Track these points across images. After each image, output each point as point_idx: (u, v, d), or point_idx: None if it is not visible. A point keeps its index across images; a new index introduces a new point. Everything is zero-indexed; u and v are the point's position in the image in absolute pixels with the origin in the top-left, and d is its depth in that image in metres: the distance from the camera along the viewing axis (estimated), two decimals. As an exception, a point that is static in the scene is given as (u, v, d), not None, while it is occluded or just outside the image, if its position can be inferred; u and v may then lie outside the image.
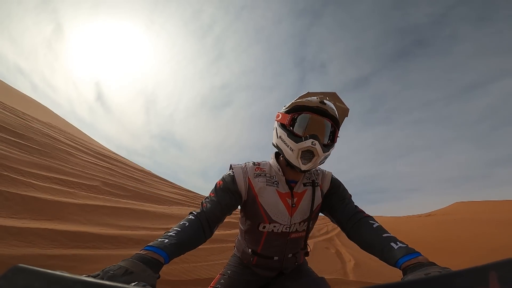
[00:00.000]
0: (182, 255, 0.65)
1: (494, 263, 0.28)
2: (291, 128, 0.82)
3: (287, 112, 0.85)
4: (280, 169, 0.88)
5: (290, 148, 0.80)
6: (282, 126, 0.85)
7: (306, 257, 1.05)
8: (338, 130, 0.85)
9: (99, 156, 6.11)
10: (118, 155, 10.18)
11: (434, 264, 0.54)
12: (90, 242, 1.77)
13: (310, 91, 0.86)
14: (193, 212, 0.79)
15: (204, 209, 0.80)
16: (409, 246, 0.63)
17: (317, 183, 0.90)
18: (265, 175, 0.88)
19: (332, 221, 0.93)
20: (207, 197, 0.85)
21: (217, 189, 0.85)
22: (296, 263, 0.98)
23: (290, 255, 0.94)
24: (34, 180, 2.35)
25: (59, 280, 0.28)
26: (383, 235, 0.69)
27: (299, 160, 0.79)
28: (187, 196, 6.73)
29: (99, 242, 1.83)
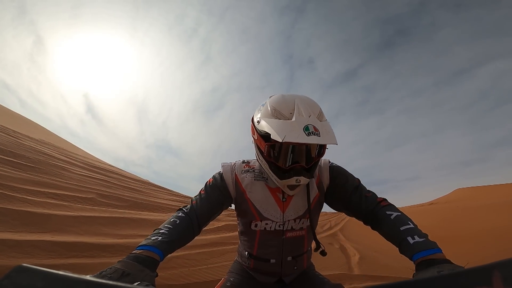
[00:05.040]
0: (181, 260, 0.66)
1: (497, 262, 0.27)
2: (270, 157, 0.73)
3: (261, 136, 0.72)
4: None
5: (275, 179, 0.75)
6: (260, 151, 0.76)
7: (312, 259, 0.98)
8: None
9: (94, 169, 6.08)
10: (114, 167, 10.11)
11: (449, 261, 0.51)
12: (87, 251, 1.81)
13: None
14: (183, 208, 0.79)
15: (193, 206, 0.79)
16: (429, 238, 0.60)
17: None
18: (254, 170, 0.84)
19: (351, 216, 0.84)
20: (196, 195, 0.84)
21: (206, 187, 0.84)
22: (296, 268, 0.90)
23: (289, 258, 0.86)
24: (28, 196, 2.38)
25: (62, 280, 0.28)
26: (401, 228, 0.64)
27: (286, 189, 0.76)
28: (186, 202, 6.71)
29: (96, 251, 1.87)
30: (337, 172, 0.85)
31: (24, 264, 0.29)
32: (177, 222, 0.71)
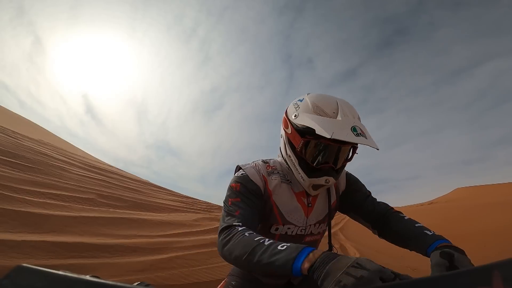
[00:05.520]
0: (180, 260, 0.56)
1: (497, 263, 0.27)
2: (302, 153, 0.71)
3: (298, 130, 0.70)
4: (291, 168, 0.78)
5: (301, 176, 0.73)
6: (291, 146, 0.74)
7: None
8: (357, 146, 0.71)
9: (94, 169, 6.08)
10: (113, 167, 10.11)
11: (463, 252, 0.56)
12: (87, 252, 1.81)
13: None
14: (234, 224, 0.63)
15: (240, 217, 0.66)
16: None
17: None
18: (278, 172, 0.80)
19: (358, 221, 0.86)
20: (232, 205, 0.70)
21: (239, 193, 0.72)
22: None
23: None
24: (28, 197, 2.38)
25: (62, 280, 0.28)
26: (416, 225, 0.70)
27: (309, 189, 0.75)
28: (186, 202, 6.73)
29: (95, 252, 1.87)
30: (353, 179, 0.89)
31: (24, 264, 0.29)
32: (253, 233, 0.58)
